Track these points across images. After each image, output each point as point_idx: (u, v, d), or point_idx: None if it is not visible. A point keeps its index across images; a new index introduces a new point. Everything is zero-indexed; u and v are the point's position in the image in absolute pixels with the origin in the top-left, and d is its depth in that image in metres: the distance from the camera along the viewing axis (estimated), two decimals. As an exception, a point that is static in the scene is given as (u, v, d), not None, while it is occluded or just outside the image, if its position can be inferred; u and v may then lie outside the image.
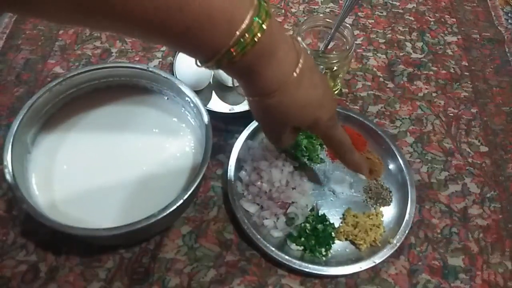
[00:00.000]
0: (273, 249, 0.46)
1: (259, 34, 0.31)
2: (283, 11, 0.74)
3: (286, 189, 0.50)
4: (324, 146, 0.56)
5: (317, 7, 0.75)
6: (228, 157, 0.52)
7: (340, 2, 0.76)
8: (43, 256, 0.46)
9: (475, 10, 0.79)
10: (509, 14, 0.78)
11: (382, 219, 0.50)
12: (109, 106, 0.51)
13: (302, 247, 0.48)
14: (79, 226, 0.39)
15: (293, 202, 0.50)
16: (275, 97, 0.36)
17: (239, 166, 0.52)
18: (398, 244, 0.48)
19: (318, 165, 0.54)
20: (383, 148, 0.56)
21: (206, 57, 0.32)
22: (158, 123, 0.50)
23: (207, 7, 0.28)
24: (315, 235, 0.48)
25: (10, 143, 0.42)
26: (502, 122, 0.63)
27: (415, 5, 0.77)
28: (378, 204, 0.52)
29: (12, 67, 0.62)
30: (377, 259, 0.47)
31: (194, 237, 0.49)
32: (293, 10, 0.74)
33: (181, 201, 0.41)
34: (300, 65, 0.35)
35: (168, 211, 0.40)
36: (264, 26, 0.31)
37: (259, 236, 0.47)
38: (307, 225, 0.48)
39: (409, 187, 0.52)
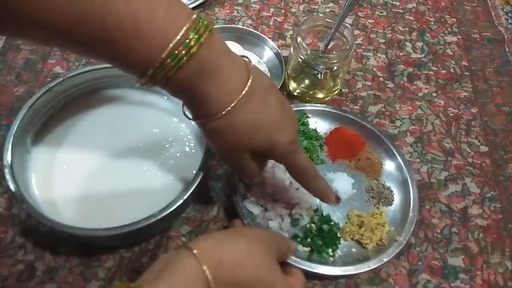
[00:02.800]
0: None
1: (195, 48, 0.29)
2: (283, 11, 0.74)
3: (289, 190, 0.50)
4: (324, 147, 0.56)
5: (317, 7, 0.75)
6: (228, 157, 0.52)
7: (340, 2, 0.76)
8: (41, 256, 0.46)
9: (475, 10, 0.79)
10: (509, 14, 0.78)
11: (386, 217, 0.50)
12: (109, 106, 0.51)
13: (309, 248, 0.48)
14: (79, 226, 0.39)
15: (297, 203, 0.49)
16: (221, 119, 0.34)
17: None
18: (404, 242, 0.47)
19: (319, 165, 0.54)
20: (382, 148, 0.56)
21: (139, 72, 0.31)
22: (158, 123, 0.50)
23: (133, 18, 0.27)
24: (321, 236, 0.47)
25: (10, 143, 0.42)
26: (502, 122, 0.63)
27: (415, 5, 0.77)
28: (380, 204, 0.52)
29: (12, 67, 0.62)
30: (385, 257, 0.46)
31: (194, 237, 0.49)
32: (293, 10, 0.74)
33: (181, 201, 0.41)
34: (249, 84, 0.34)
35: (168, 211, 0.40)
36: (201, 40, 0.30)
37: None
38: (313, 225, 0.48)
39: (410, 184, 0.52)
